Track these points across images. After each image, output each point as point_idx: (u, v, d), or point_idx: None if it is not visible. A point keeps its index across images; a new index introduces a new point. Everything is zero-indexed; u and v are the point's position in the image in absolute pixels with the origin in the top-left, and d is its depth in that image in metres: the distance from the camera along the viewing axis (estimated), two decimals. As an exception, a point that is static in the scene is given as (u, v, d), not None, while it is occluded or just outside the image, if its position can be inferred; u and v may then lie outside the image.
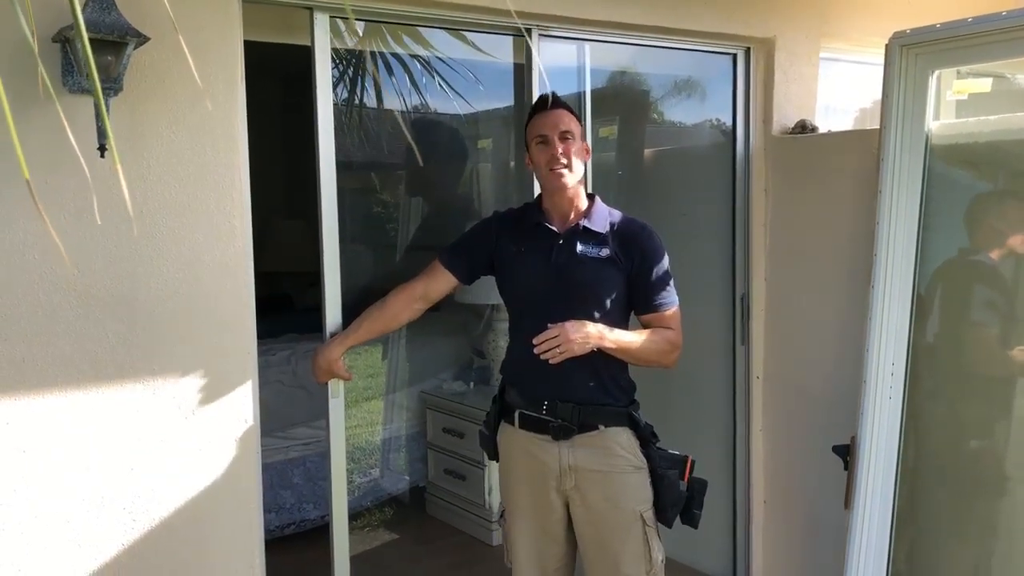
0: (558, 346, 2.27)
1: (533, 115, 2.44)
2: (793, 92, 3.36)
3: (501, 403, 2.52)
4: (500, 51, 3.28)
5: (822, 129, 3.32)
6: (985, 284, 2.79)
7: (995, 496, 2.75)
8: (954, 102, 2.95)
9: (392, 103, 4.54)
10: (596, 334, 2.30)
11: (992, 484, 2.76)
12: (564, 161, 2.34)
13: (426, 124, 4.95)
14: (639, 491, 2.39)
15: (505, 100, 3.88)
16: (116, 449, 2.19)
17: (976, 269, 2.79)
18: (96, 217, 2.11)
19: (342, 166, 2.57)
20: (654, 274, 2.40)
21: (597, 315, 2.35)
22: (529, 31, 2.91)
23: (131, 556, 2.22)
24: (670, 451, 2.44)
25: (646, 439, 2.40)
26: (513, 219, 2.54)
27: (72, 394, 2.13)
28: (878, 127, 2.78)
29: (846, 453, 2.84)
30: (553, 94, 2.44)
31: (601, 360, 2.36)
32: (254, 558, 2.40)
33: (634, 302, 2.43)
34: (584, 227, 2.39)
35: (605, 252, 2.37)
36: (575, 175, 2.38)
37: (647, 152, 3.94)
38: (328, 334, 2.53)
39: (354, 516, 4.38)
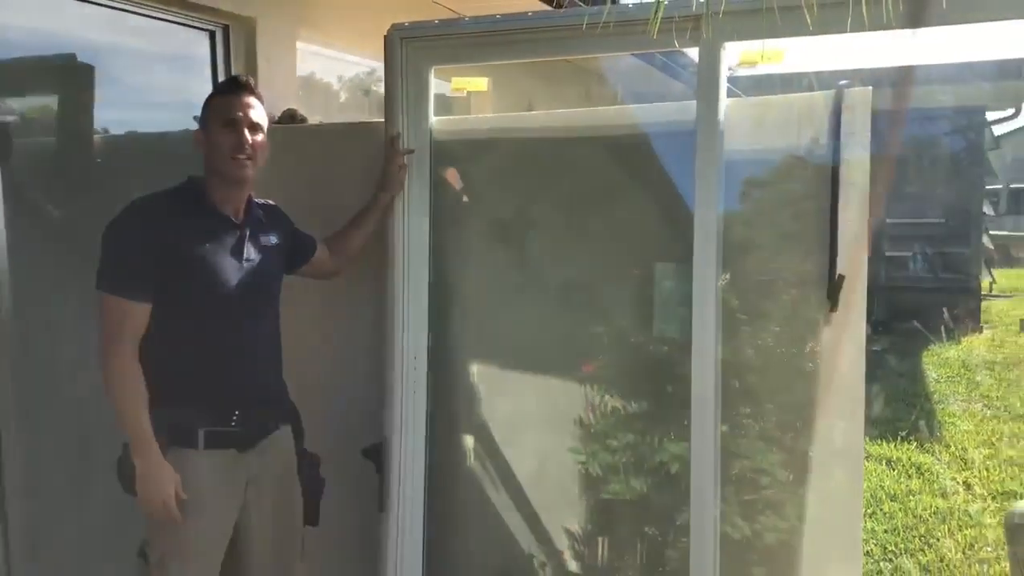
0: None
1: (222, 94, 2.28)
2: (278, 79, 3.14)
3: (167, 430, 2.15)
4: None
5: (311, 121, 3.15)
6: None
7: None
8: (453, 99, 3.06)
9: None
10: None
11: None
12: (249, 152, 2.22)
13: None
14: (299, 497, 2.40)
15: None
16: None
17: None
18: None
19: None
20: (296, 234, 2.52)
21: (276, 302, 2.37)
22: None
23: None
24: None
25: (302, 433, 2.38)
26: (169, 209, 2.22)
27: None
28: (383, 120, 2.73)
29: (378, 455, 2.73)
30: (249, 79, 2.31)
31: (279, 341, 2.37)
32: None
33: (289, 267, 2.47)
34: (258, 217, 2.35)
35: (274, 239, 2.38)
36: (255, 169, 2.28)
37: (100, 139, 3.26)
38: None
39: None
